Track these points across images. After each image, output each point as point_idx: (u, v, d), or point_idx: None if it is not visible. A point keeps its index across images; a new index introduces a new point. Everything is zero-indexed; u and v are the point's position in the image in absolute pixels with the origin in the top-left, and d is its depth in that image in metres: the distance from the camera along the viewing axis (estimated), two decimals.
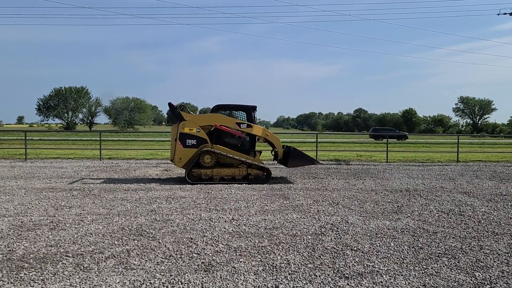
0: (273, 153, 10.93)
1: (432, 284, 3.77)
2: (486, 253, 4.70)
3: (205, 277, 3.86)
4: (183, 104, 10.47)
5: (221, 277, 3.85)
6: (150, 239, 5.04)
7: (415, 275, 3.99)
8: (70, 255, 4.41)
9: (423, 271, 4.09)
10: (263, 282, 3.77)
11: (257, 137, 10.30)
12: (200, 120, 9.97)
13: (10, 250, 4.56)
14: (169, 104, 10.05)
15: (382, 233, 5.46)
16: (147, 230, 5.41)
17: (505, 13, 27.24)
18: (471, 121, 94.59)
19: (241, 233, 5.35)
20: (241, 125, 9.96)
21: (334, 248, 4.79)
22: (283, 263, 4.26)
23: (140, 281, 3.74)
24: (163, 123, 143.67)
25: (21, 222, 5.78)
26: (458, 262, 4.36)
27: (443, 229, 5.71)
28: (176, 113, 9.90)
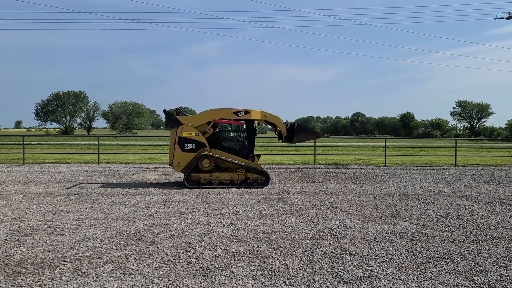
0: (276, 133, 10.79)
1: None
2: (485, 257, 4.70)
3: (203, 282, 3.85)
4: (180, 107, 10.41)
5: (219, 282, 3.84)
6: (148, 243, 5.02)
7: (413, 279, 3.99)
8: (68, 260, 4.39)
9: (422, 275, 4.09)
10: (261, 287, 3.76)
11: (256, 121, 10.19)
12: (198, 120, 9.91)
13: (7, 255, 4.54)
14: (164, 111, 10.02)
15: (380, 237, 5.46)
16: (145, 235, 5.40)
17: (502, 18, 27.40)
18: (469, 125, 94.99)
19: (240, 238, 5.34)
20: (239, 113, 9.93)
21: (333, 252, 4.79)
22: (281, 267, 4.25)
23: (138, 286, 3.73)
24: (161, 127, 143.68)
25: (19, 227, 5.76)
26: (456, 266, 4.36)
27: (441, 233, 5.72)
28: (173, 119, 9.87)
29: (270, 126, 10.92)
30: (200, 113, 10.12)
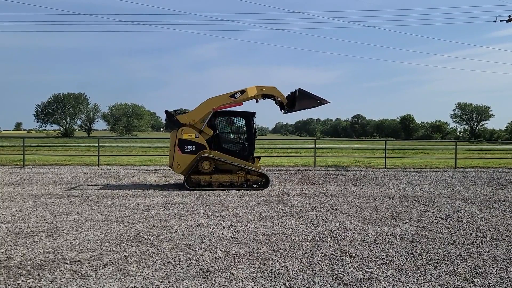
0: (277, 104, 10.61)
1: None
2: (485, 259, 4.70)
3: (203, 283, 3.85)
4: (180, 109, 10.41)
5: (219, 284, 3.84)
6: (148, 245, 5.02)
7: (413, 281, 3.99)
8: (68, 261, 4.39)
9: (422, 278, 4.09)
10: None
11: (255, 99, 10.14)
12: (198, 113, 9.88)
13: (7, 257, 4.54)
14: (166, 112, 10.04)
15: (380, 239, 5.45)
16: (145, 237, 5.40)
17: (502, 20, 27.45)
18: (469, 127, 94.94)
19: (240, 240, 5.34)
20: (235, 95, 9.88)
21: (333, 254, 4.78)
22: (281, 269, 4.25)
23: None
24: (161, 129, 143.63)
25: (19, 228, 5.76)
26: (456, 269, 4.36)
27: (441, 235, 5.72)
28: (174, 120, 9.88)
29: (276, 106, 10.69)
30: (198, 106, 10.04)
